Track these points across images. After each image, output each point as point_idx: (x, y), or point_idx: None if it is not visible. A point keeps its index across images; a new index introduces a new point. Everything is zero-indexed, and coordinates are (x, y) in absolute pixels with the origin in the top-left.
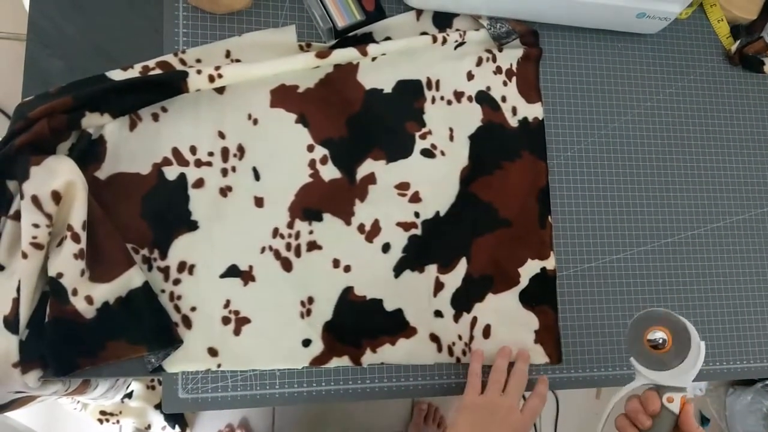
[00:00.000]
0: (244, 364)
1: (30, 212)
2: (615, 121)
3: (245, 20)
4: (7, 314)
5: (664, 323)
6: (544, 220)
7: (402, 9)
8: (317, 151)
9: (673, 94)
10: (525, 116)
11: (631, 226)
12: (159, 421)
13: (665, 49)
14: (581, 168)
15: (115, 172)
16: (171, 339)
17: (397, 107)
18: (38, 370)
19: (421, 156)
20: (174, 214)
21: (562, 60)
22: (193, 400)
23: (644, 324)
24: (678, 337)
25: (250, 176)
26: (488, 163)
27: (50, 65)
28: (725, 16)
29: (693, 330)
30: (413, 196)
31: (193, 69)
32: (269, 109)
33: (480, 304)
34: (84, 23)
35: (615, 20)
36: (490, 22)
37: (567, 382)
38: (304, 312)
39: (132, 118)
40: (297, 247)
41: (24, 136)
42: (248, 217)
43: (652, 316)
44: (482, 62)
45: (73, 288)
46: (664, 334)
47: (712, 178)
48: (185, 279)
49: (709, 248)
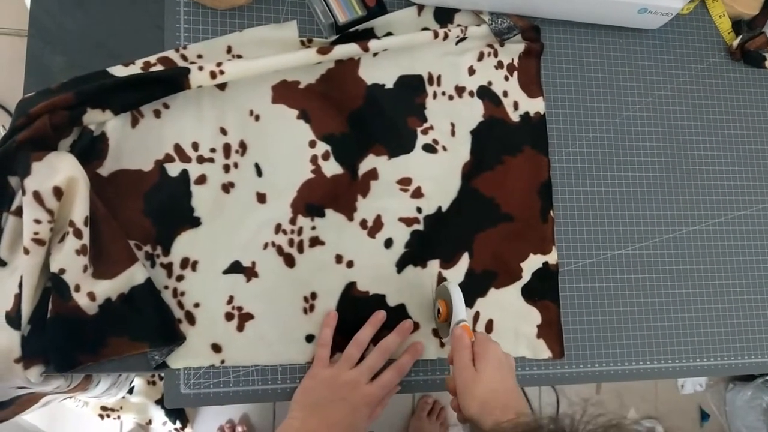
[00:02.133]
0: (248, 359)
1: (31, 208)
2: (616, 116)
3: (246, 16)
4: (9, 310)
5: (442, 295)
6: (546, 215)
7: (403, 4)
8: (319, 147)
9: (674, 89)
10: (527, 111)
11: (633, 221)
12: (160, 417)
13: (667, 44)
14: (583, 163)
15: (117, 169)
16: (174, 335)
17: (399, 102)
18: (40, 365)
19: (422, 151)
20: (176, 210)
21: (564, 55)
22: (195, 395)
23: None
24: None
25: (252, 172)
26: (490, 158)
27: (51, 61)
28: (727, 12)
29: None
30: (415, 191)
31: (194, 65)
32: (271, 105)
33: (482, 299)
34: (85, 19)
35: (616, 16)
36: (491, 18)
37: (569, 377)
38: (307, 308)
39: (134, 114)
40: (299, 242)
41: (25, 133)
42: (251, 213)
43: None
44: (483, 57)
45: (75, 284)
46: (440, 305)
47: (713, 173)
48: (188, 275)
49: (711, 243)
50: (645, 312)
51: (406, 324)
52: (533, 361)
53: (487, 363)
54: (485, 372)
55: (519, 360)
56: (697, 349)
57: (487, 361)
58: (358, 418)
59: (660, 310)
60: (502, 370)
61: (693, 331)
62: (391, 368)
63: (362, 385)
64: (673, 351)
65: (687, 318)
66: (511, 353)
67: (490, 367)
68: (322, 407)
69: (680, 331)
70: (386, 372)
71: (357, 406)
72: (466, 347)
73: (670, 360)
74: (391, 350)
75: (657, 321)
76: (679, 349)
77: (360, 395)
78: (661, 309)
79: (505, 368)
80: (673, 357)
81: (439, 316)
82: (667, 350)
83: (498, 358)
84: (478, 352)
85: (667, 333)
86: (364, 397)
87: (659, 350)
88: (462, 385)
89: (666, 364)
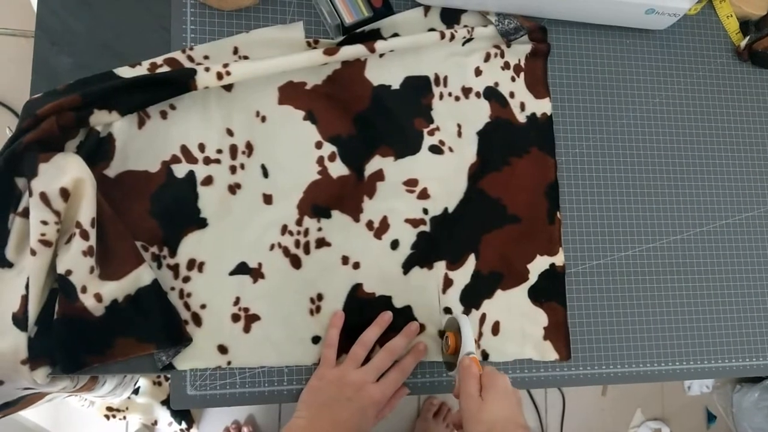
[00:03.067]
0: (254, 361)
1: (38, 209)
2: (623, 117)
3: (253, 16)
4: (16, 311)
5: (451, 328)
6: (553, 216)
7: (410, 5)
8: (325, 148)
9: (681, 90)
10: (533, 112)
11: (640, 222)
12: (165, 417)
13: (674, 45)
14: (590, 164)
15: (123, 170)
16: (180, 337)
17: (405, 104)
18: (47, 367)
19: (429, 152)
20: (183, 211)
21: (571, 56)
22: (201, 396)
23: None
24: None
25: (258, 173)
26: (496, 159)
27: (58, 62)
28: (735, 12)
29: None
30: (421, 192)
31: (201, 66)
32: (277, 106)
33: (489, 301)
34: (91, 20)
35: (623, 16)
36: (498, 18)
37: (576, 378)
38: (313, 309)
39: (140, 115)
40: (306, 244)
41: (32, 134)
42: (257, 214)
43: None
44: (490, 58)
45: (82, 285)
46: (449, 337)
47: (721, 173)
48: (195, 276)
49: (719, 245)
50: (652, 314)
51: (412, 326)
52: (540, 362)
53: (495, 393)
54: (492, 401)
55: (525, 362)
56: (704, 351)
57: (495, 391)
58: (365, 418)
59: (667, 312)
60: (510, 400)
61: (700, 333)
62: (394, 369)
63: (369, 385)
64: (680, 353)
65: (694, 320)
66: (517, 355)
67: (498, 397)
68: (328, 407)
69: (687, 332)
70: (390, 372)
71: (364, 405)
72: (474, 376)
73: (677, 362)
74: (398, 352)
75: (664, 323)
76: (686, 351)
77: (366, 395)
78: (668, 311)
79: (513, 399)
80: (680, 359)
81: (448, 348)
82: (674, 352)
83: (506, 389)
84: (486, 383)
85: (674, 335)
86: (370, 397)
87: (666, 352)
88: (467, 412)
89: (673, 366)
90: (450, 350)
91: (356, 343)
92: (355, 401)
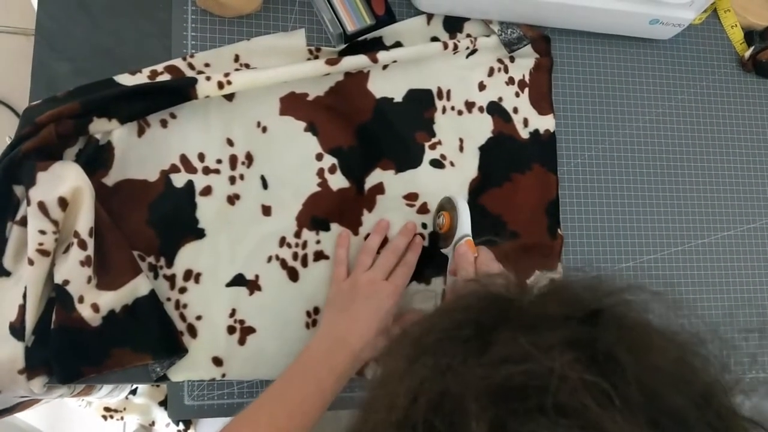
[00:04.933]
0: (249, 374)
1: (36, 218)
2: (627, 127)
3: (254, 24)
4: (14, 321)
5: (446, 208)
6: (553, 233)
7: (412, 13)
8: (326, 160)
9: (685, 100)
10: (536, 128)
11: (642, 234)
12: (163, 418)
13: (678, 55)
14: (592, 175)
15: (122, 179)
16: (176, 348)
17: (408, 117)
18: (44, 376)
19: (430, 167)
20: (181, 221)
21: (574, 65)
22: (198, 406)
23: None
24: (454, 212)
25: (258, 184)
26: (498, 175)
27: (57, 68)
28: (739, 22)
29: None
30: (421, 207)
31: (202, 75)
32: (278, 117)
33: None
34: (92, 26)
35: (628, 26)
36: (501, 28)
37: None
38: (309, 322)
39: (140, 124)
40: (304, 256)
41: (31, 142)
42: (255, 225)
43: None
44: (494, 72)
45: (79, 295)
46: (444, 216)
47: (723, 185)
48: (191, 287)
49: (721, 256)
50: None
51: (409, 225)
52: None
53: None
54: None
55: None
56: None
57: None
58: (384, 314)
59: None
60: None
61: None
62: (399, 266)
63: (380, 282)
64: None
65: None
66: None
67: None
68: (346, 310)
69: None
70: (397, 270)
71: (381, 301)
72: (470, 264)
73: None
74: (399, 249)
75: None
76: None
77: (382, 290)
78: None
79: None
80: None
81: (441, 227)
82: None
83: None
84: (481, 271)
85: None
86: (385, 291)
87: None
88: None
89: None
90: (444, 229)
91: (360, 251)
92: (372, 298)
